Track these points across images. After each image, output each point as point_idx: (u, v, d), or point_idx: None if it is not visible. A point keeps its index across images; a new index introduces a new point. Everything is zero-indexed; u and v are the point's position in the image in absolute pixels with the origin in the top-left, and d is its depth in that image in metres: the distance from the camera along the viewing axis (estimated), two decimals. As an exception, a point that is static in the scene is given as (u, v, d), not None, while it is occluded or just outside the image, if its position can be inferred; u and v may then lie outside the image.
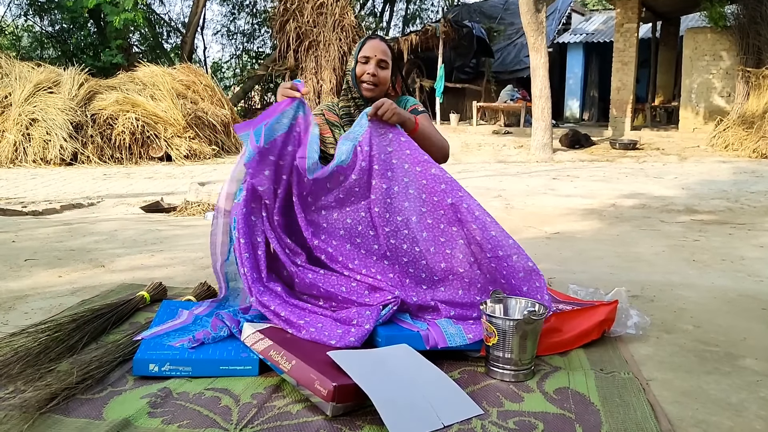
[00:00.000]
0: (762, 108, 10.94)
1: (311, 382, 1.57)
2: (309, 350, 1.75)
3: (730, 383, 1.79)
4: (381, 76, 2.33)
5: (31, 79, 10.53)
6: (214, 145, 11.16)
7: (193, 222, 4.88)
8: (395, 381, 1.63)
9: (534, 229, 4.37)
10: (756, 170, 8.31)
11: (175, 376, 1.79)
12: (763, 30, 11.66)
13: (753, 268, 3.21)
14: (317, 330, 1.90)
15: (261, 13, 21.63)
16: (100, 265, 3.20)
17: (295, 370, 1.63)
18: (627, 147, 11.49)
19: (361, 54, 2.33)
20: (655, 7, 14.30)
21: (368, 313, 1.94)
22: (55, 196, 6.43)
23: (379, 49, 2.32)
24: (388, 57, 2.34)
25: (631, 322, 2.17)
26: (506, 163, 10.05)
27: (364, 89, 2.33)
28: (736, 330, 2.24)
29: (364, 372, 1.59)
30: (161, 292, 2.55)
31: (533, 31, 10.28)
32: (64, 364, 1.80)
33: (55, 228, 4.40)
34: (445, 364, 1.87)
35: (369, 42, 2.35)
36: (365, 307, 1.99)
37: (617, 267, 3.23)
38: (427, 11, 24.41)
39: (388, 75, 2.36)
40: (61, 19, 16.96)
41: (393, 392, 1.56)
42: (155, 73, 11.42)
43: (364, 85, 2.33)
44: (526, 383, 1.77)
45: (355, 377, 1.54)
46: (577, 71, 18.33)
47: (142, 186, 7.42)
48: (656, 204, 5.54)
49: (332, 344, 1.83)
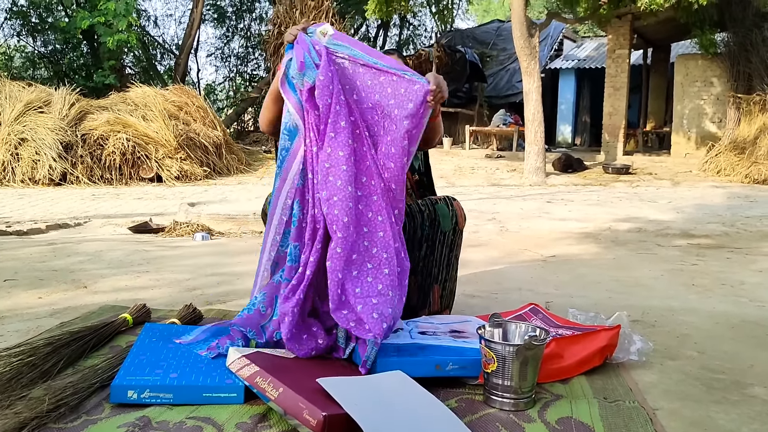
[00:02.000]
0: (753, 134, 11.00)
1: (300, 412, 1.47)
2: (298, 377, 1.65)
3: (740, 413, 1.70)
4: None
5: (22, 99, 10.44)
6: (205, 167, 11.08)
7: (182, 243, 4.77)
8: (389, 410, 1.53)
9: (530, 253, 4.30)
10: (749, 195, 8.30)
11: (155, 403, 1.68)
12: (753, 57, 11.78)
13: (754, 293, 3.14)
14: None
15: (255, 36, 21.72)
16: (82, 286, 3.09)
17: (283, 398, 1.53)
18: (620, 171, 11.49)
19: None
20: (646, 35, 14.45)
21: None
22: (41, 216, 6.31)
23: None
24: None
25: (634, 348, 2.08)
26: (499, 186, 10.01)
27: None
28: (742, 357, 2.16)
29: (356, 401, 1.49)
30: (145, 314, 2.44)
31: (526, 56, 10.32)
32: (38, 391, 1.70)
33: (38, 248, 4.29)
34: (441, 392, 1.78)
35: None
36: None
37: (616, 291, 3.15)
38: (420, 37, 24.59)
39: None
40: (54, 40, 16.94)
41: (387, 422, 1.47)
42: (147, 93, 11.37)
43: None
44: (527, 412, 1.67)
45: (347, 406, 1.45)
46: (569, 97, 18.46)
47: (131, 206, 7.31)
48: (652, 228, 5.49)
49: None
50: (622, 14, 12.53)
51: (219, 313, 2.59)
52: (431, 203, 2.17)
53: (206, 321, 2.43)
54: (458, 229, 2.17)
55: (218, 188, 9.61)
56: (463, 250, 4.03)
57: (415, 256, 2.14)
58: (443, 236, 2.15)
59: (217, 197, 8.21)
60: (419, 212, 2.16)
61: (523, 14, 10.17)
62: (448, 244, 2.17)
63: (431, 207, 2.14)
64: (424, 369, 1.80)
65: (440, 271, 2.18)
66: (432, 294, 2.24)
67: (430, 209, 2.14)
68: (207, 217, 5.70)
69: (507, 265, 3.84)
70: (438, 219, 2.12)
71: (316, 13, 15.30)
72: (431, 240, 2.15)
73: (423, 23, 25.54)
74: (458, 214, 2.18)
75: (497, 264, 3.86)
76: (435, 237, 2.15)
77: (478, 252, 4.27)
